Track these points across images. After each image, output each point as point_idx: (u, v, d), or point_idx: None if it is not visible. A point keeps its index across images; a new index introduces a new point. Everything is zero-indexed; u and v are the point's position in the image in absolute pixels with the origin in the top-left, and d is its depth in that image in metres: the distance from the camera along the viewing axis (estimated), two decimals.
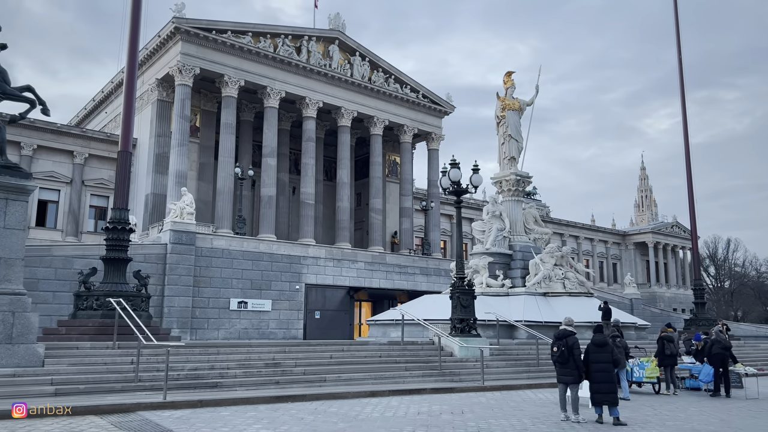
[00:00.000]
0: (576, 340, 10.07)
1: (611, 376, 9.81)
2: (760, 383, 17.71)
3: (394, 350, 15.00)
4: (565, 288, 26.28)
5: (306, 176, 38.61)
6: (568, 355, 9.86)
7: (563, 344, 9.97)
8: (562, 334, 10.21)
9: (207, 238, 26.57)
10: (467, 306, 15.69)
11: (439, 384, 13.01)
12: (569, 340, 10.02)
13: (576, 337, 10.14)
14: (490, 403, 11.20)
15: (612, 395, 9.55)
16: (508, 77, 30.02)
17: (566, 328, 10.36)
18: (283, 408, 9.59)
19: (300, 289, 28.92)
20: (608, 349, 9.99)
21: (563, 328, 10.41)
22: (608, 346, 10.05)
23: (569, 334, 10.16)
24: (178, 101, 34.23)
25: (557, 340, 10.20)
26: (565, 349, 9.92)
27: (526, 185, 29.18)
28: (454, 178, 16.48)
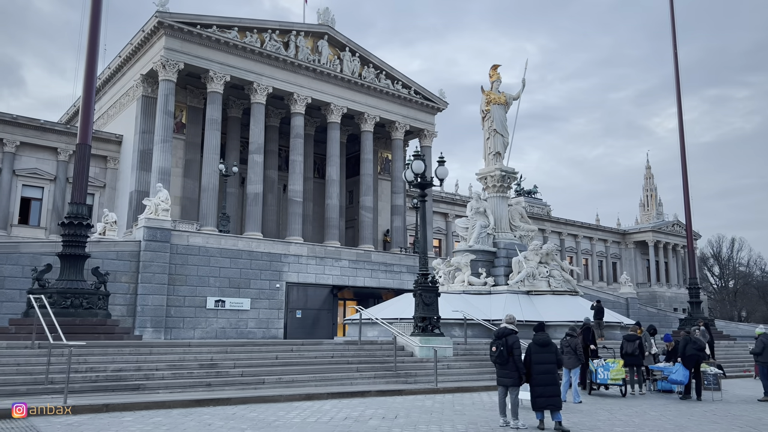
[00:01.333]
0: (517, 339, 9.42)
1: (554, 378, 9.14)
2: (740, 384, 16.99)
3: (349, 351, 14.40)
4: (549, 286, 25.59)
5: (294, 173, 38.05)
6: (507, 355, 9.20)
7: (502, 343, 9.30)
8: (502, 332, 9.54)
9: (183, 235, 26.05)
10: (430, 304, 15.05)
11: (389, 386, 12.39)
12: (509, 339, 9.36)
13: (517, 336, 9.49)
14: (434, 406, 10.57)
15: (555, 398, 8.89)
16: (494, 71, 29.33)
17: (507, 326, 9.71)
18: (198, 413, 9.01)
19: (281, 288, 28.35)
20: (551, 348, 9.32)
21: (504, 326, 9.77)
22: (551, 346, 9.38)
23: (509, 333, 9.50)
24: (162, 97, 33.76)
25: (497, 339, 9.53)
26: (504, 349, 9.25)
27: (512, 181, 28.47)
28: (417, 171, 15.85)
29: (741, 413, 11.03)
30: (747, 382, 17.56)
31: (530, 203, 76.16)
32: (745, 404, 12.56)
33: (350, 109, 41.05)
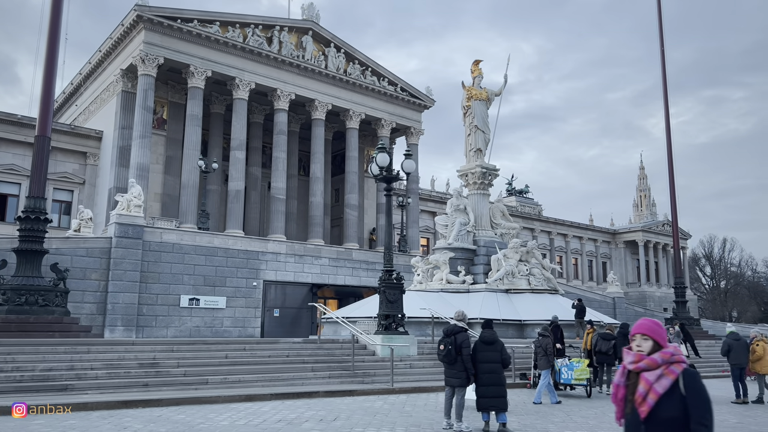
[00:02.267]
0: (467, 337, 8.95)
1: (499, 377, 8.69)
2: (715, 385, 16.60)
3: (307, 350, 13.93)
4: (529, 284, 25.20)
5: (277, 170, 37.54)
6: (456, 354, 8.72)
7: (451, 342, 8.82)
8: (451, 330, 9.07)
9: (156, 231, 25.52)
10: (394, 301, 14.58)
11: (342, 386, 11.93)
12: (458, 338, 8.87)
13: (467, 335, 9.05)
14: (382, 408, 10.12)
15: (499, 399, 8.45)
16: (475, 66, 28.92)
17: (457, 323, 9.24)
18: (120, 415, 8.53)
19: (258, 286, 27.84)
20: (497, 347, 8.86)
21: (453, 324, 9.32)
22: (497, 344, 8.91)
23: (459, 331, 9.02)
24: (141, 92, 33.22)
25: (445, 336, 9.03)
26: (452, 348, 8.77)
27: (493, 178, 28.05)
28: (382, 164, 15.40)
29: None
30: (722, 382, 17.15)
31: (521, 203, 75.89)
32: (715, 405, 12.09)
33: (335, 106, 40.58)
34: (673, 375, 3.18)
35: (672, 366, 3.21)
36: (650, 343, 3.29)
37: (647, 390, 3.16)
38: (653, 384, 3.16)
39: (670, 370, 3.20)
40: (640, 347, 3.30)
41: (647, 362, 3.23)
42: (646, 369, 3.24)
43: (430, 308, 17.77)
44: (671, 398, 3.13)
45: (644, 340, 3.30)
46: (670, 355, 3.24)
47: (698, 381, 3.22)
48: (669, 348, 3.29)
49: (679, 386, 3.16)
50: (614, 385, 3.40)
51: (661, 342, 3.29)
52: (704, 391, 3.20)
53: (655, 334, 3.31)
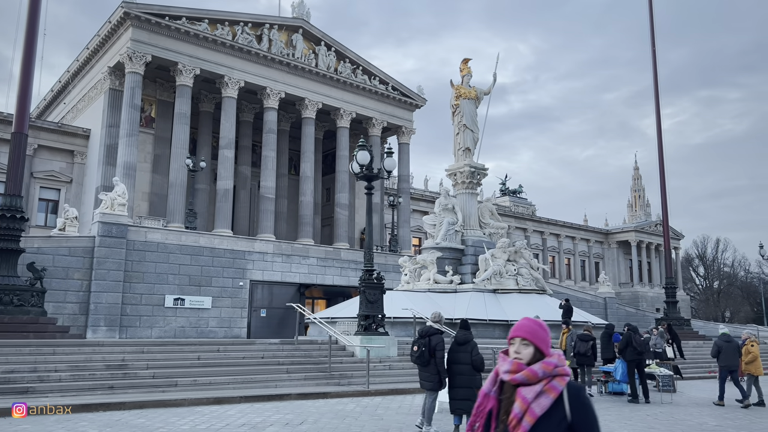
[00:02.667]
0: (441, 340, 8.72)
1: (469, 379, 8.40)
2: (699, 386, 16.45)
3: (283, 351, 13.69)
4: (517, 284, 25.02)
5: (266, 169, 37.25)
6: (429, 356, 8.50)
7: (425, 343, 8.59)
8: (426, 331, 8.84)
9: (141, 231, 25.22)
10: (374, 302, 14.35)
11: (317, 388, 11.70)
12: (433, 340, 8.64)
13: (442, 338, 8.81)
14: (354, 410, 9.89)
15: (470, 402, 8.20)
16: (464, 64, 28.74)
17: (432, 324, 9.02)
18: (77, 419, 8.28)
19: (244, 286, 27.56)
20: (467, 348, 8.61)
21: (429, 325, 9.09)
22: (468, 345, 8.66)
23: (434, 333, 8.79)
24: (128, 89, 32.90)
25: (419, 338, 8.82)
26: (425, 350, 8.55)
27: (482, 177, 27.86)
28: (362, 162, 15.18)
29: (685, 418, 10.43)
30: (708, 383, 17.00)
31: (515, 203, 75.80)
32: (695, 407, 11.97)
33: (325, 105, 40.33)
34: (555, 392, 2.57)
35: (554, 381, 2.60)
36: (531, 349, 2.66)
37: (523, 411, 2.55)
38: (531, 403, 2.55)
39: (551, 385, 2.58)
40: (519, 354, 2.66)
41: (526, 374, 2.60)
42: (525, 383, 2.61)
43: (413, 308, 17.55)
44: (551, 421, 2.54)
45: (524, 346, 2.67)
46: (553, 366, 2.62)
47: (585, 399, 2.64)
48: (552, 357, 2.66)
49: (562, 406, 2.56)
50: (481, 394, 2.77)
51: (544, 349, 2.68)
52: (592, 413, 2.62)
53: (537, 339, 2.68)
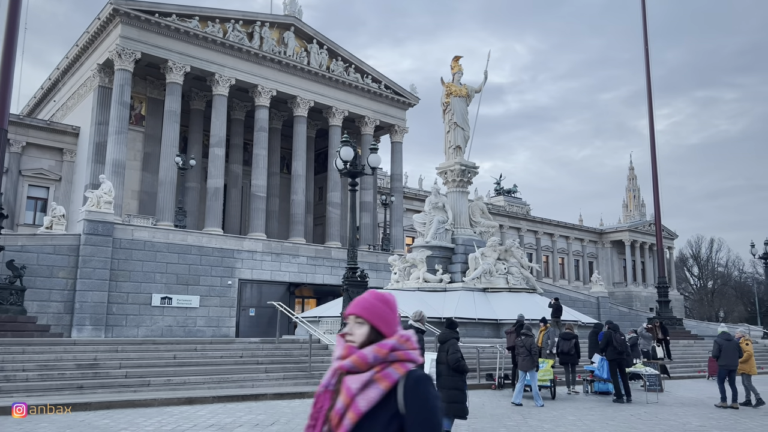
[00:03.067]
0: (420, 338, 8.53)
1: (450, 380, 8.17)
2: (688, 386, 16.31)
3: (263, 350, 13.47)
4: (507, 283, 24.86)
5: (257, 168, 37.01)
6: None
7: None
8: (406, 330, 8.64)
9: (127, 229, 24.96)
10: None
11: (296, 388, 11.49)
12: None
13: (422, 336, 8.61)
14: None
15: (453, 404, 7.94)
16: (455, 62, 28.56)
17: (413, 323, 8.80)
18: (38, 420, 8.02)
19: (233, 285, 27.32)
20: (444, 347, 8.40)
21: (410, 323, 8.86)
22: (446, 344, 8.44)
23: (414, 331, 8.59)
24: (117, 87, 32.63)
25: None
26: None
27: (473, 176, 27.69)
28: (346, 158, 14.98)
29: (669, 417, 10.26)
30: (697, 383, 16.87)
31: (509, 202, 75.71)
32: (681, 407, 11.80)
33: (317, 103, 40.12)
34: (388, 382, 2.07)
35: (390, 368, 2.09)
36: (365, 329, 2.14)
37: (346, 405, 2.06)
38: (356, 396, 2.06)
39: (384, 373, 2.07)
40: (352, 336, 2.16)
41: (354, 360, 2.11)
42: (353, 370, 2.11)
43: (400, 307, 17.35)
44: (379, 419, 2.04)
45: (358, 325, 2.15)
46: (389, 349, 2.10)
47: (425, 391, 2.09)
48: (392, 338, 2.14)
49: (395, 400, 2.06)
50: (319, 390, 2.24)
51: (383, 328, 2.15)
52: (431, 407, 2.07)
53: (374, 316, 2.15)
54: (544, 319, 15.22)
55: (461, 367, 7.93)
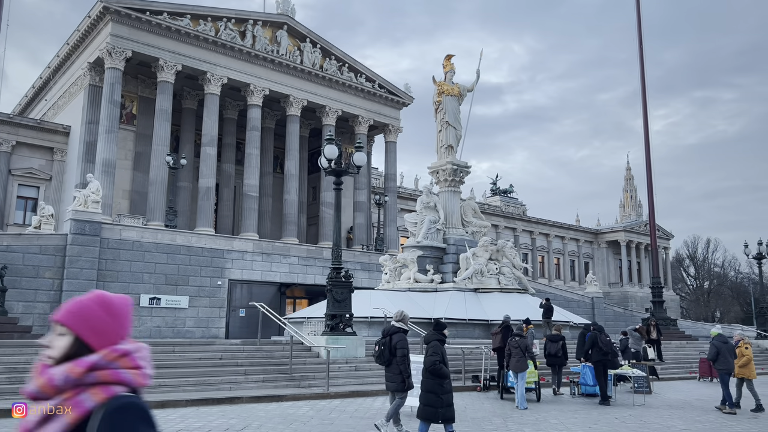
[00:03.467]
0: (402, 338, 8.36)
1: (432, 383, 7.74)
2: (678, 387, 16.12)
3: (244, 352, 13.23)
4: (499, 283, 24.65)
5: (250, 167, 36.75)
6: (389, 355, 8.21)
7: (385, 343, 8.28)
8: (388, 330, 8.54)
9: (115, 229, 24.69)
10: (341, 300, 13.92)
11: (275, 391, 11.25)
12: (394, 338, 8.31)
13: (403, 336, 8.44)
14: (306, 414, 9.47)
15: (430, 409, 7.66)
16: (447, 61, 28.35)
17: (395, 323, 8.61)
18: None
19: (222, 285, 27.07)
20: (428, 350, 8.09)
21: (392, 324, 8.70)
22: (430, 346, 8.12)
23: (396, 331, 8.43)
24: (108, 85, 32.36)
25: (382, 337, 8.52)
26: (385, 349, 8.24)
27: (465, 175, 27.48)
28: (330, 156, 14.77)
29: (654, 420, 10.05)
30: (687, 384, 16.67)
31: (505, 202, 75.59)
32: (668, 409, 11.59)
33: (311, 102, 39.89)
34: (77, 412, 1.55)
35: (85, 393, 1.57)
36: (68, 340, 1.64)
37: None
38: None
39: (75, 401, 1.57)
40: (51, 350, 1.66)
41: (41, 383, 1.63)
42: (39, 396, 1.65)
43: (384, 308, 17.12)
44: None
45: (60, 336, 1.66)
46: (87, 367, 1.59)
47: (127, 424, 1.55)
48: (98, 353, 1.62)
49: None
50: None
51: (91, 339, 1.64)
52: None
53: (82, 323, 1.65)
54: (527, 320, 14.99)
55: (437, 370, 7.57)
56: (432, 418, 7.58)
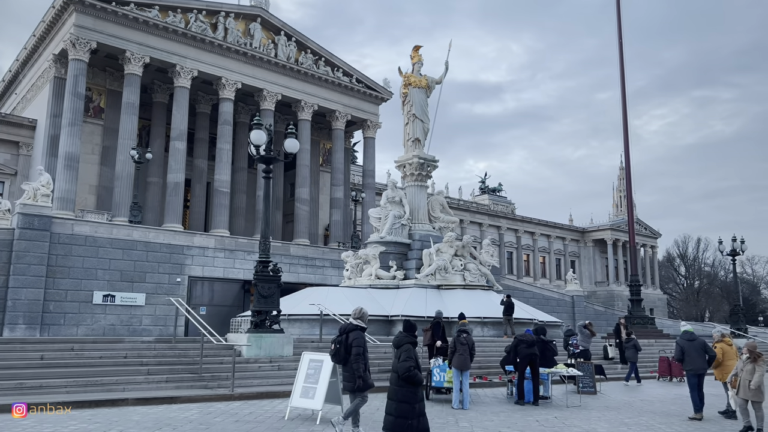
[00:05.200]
0: (359, 336, 7.89)
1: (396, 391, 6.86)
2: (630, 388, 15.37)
3: (155, 350, 12.41)
4: (464, 280, 23.91)
5: (221, 162, 35.96)
6: (345, 354, 7.79)
7: (341, 340, 7.88)
8: (346, 327, 8.07)
9: (67, 223, 23.87)
10: (268, 296, 13.14)
11: (175, 392, 10.45)
12: (351, 336, 7.88)
13: (360, 334, 7.96)
14: (187, 418, 8.61)
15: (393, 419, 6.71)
16: (415, 52, 27.62)
17: (353, 321, 8.13)
18: None
19: (182, 282, 26.26)
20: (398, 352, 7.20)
21: (350, 321, 8.21)
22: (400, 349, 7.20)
23: (353, 329, 7.98)
24: (71, 77, 31.52)
25: (339, 335, 8.08)
26: (341, 347, 7.85)
27: (432, 169, 26.76)
28: (257, 142, 14.01)
29: (577, 424, 9.31)
30: (643, 384, 15.91)
31: (494, 201, 74.90)
32: (603, 411, 10.84)
33: (285, 96, 39.12)
34: None
35: None
36: None
37: None
38: None
39: None
40: None
41: None
42: None
43: (320, 304, 16.35)
44: None
45: None
46: None
47: None
48: None
49: None
50: None
51: None
52: None
53: None
54: (462, 315, 14.26)
55: (412, 377, 6.70)
56: (404, 430, 6.68)
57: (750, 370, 9.01)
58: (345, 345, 7.80)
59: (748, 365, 9.10)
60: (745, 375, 9.06)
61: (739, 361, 9.55)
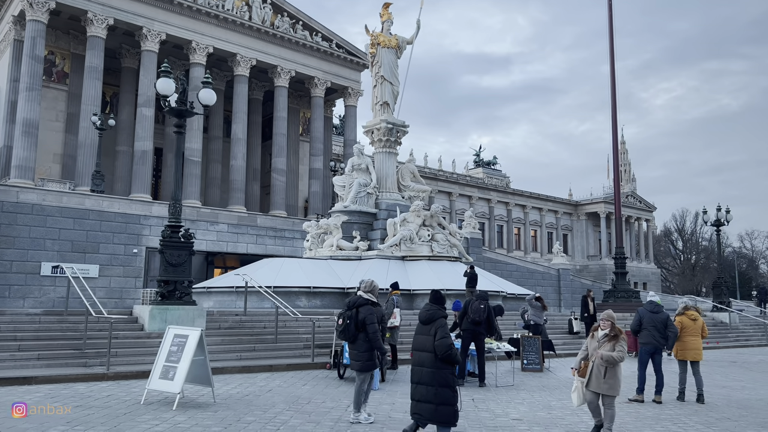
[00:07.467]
0: (371, 311, 7.19)
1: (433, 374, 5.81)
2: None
3: (39, 324, 10.99)
4: (432, 251, 22.68)
5: (191, 130, 34.40)
6: (355, 330, 7.13)
7: (351, 315, 7.20)
8: (354, 302, 7.38)
9: (11, 191, 22.66)
10: (178, 264, 11.93)
11: (42, 371, 9.15)
12: (362, 311, 7.16)
13: (373, 309, 7.26)
14: (33, 403, 7.48)
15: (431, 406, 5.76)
16: (385, 9, 25.92)
17: (362, 294, 7.46)
18: None
19: (139, 254, 25.12)
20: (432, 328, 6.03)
21: (359, 295, 7.51)
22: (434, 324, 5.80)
23: (363, 303, 7.27)
24: (29, 39, 30.04)
25: (346, 309, 7.40)
26: (351, 323, 7.16)
27: (402, 135, 25.30)
28: (164, 91, 12.64)
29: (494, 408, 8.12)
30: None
31: (489, 174, 73.50)
32: (534, 392, 9.63)
33: (261, 62, 37.52)
34: None
35: None
36: None
37: None
38: None
39: None
40: None
41: None
42: None
43: (246, 275, 15.13)
44: None
45: None
46: None
47: None
48: None
49: None
50: None
51: None
52: None
53: None
54: (395, 285, 13.09)
55: (454, 356, 5.82)
56: (451, 419, 5.73)
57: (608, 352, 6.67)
58: (355, 321, 7.13)
59: (606, 344, 6.78)
60: (597, 360, 6.71)
61: (591, 340, 7.14)
